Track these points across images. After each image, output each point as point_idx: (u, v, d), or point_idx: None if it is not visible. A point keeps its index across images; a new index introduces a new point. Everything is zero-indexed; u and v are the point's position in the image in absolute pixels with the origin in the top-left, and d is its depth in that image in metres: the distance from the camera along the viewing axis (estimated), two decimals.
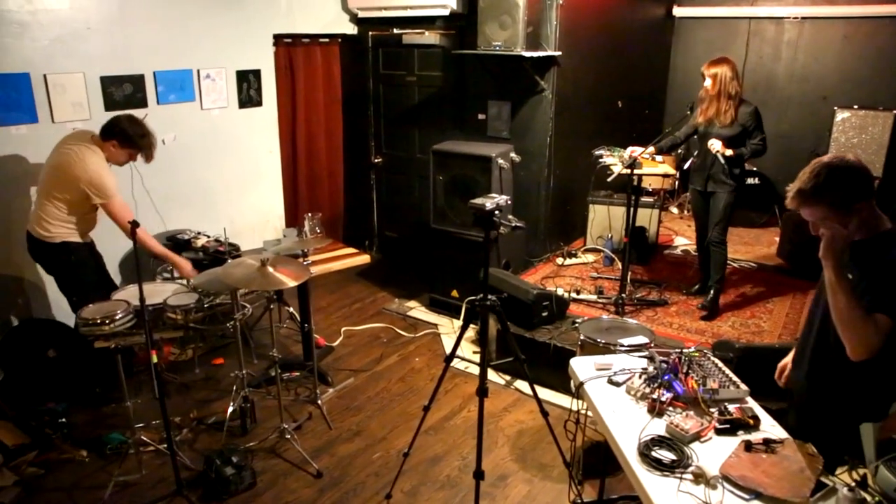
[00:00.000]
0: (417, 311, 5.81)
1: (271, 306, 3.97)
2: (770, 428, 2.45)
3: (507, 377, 4.69)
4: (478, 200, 2.82)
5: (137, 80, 5.01)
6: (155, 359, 3.13)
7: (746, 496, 2.08)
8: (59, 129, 4.59)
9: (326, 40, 6.41)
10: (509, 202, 3.24)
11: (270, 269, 3.47)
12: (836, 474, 2.24)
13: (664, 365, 2.70)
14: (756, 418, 2.46)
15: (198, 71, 5.40)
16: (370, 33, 6.55)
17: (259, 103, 5.97)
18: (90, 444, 3.84)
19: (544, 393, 4.30)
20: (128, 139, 4.06)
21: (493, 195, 2.91)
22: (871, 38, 6.53)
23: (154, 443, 3.75)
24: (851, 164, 2.20)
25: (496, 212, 2.80)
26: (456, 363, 4.81)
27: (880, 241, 2.23)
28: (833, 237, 2.16)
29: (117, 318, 3.33)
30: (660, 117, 7.69)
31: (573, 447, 3.28)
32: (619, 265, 5.55)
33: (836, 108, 6.32)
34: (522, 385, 4.55)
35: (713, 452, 2.29)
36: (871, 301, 2.15)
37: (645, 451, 2.28)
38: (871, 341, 2.14)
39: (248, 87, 5.84)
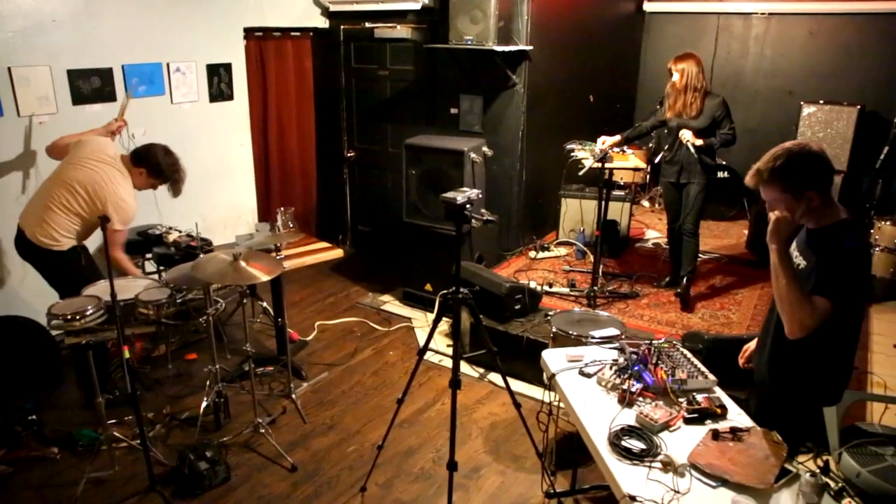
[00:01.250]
0: (391, 304, 5.82)
1: (244, 301, 3.95)
2: (737, 417, 2.50)
3: (481, 370, 4.72)
4: (449, 194, 2.84)
5: (106, 74, 4.95)
6: (127, 354, 3.11)
7: (713, 483, 2.13)
8: (24, 122, 4.53)
9: (298, 34, 6.38)
10: (481, 196, 3.27)
11: (243, 264, 3.45)
12: (801, 461, 2.30)
13: (634, 356, 2.75)
14: (723, 407, 2.52)
15: (167, 64, 5.35)
16: (342, 27, 6.52)
17: (230, 97, 5.93)
18: (61, 441, 3.79)
19: (518, 385, 4.34)
20: (159, 172, 4.03)
21: (465, 189, 2.93)
22: (836, 34, 6.66)
23: (127, 439, 3.71)
24: (811, 153, 2.29)
25: (467, 205, 2.82)
26: (430, 356, 4.83)
27: (835, 230, 2.33)
28: (778, 221, 2.29)
29: (88, 313, 3.29)
30: (631, 111, 7.77)
31: (546, 438, 3.32)
32: (591, 258, 5.61)
33: (802, 102, 6.43)
34: (496, 378, 4.59)
35: (682, 441, 2.34)
36: (816, 284, 2.28)
37: (615, 441, 2.32)
38: (807, 321, 2.26)
39: (218, 81, 5.79)
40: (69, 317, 3.25)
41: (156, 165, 4.00)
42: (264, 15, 6.02)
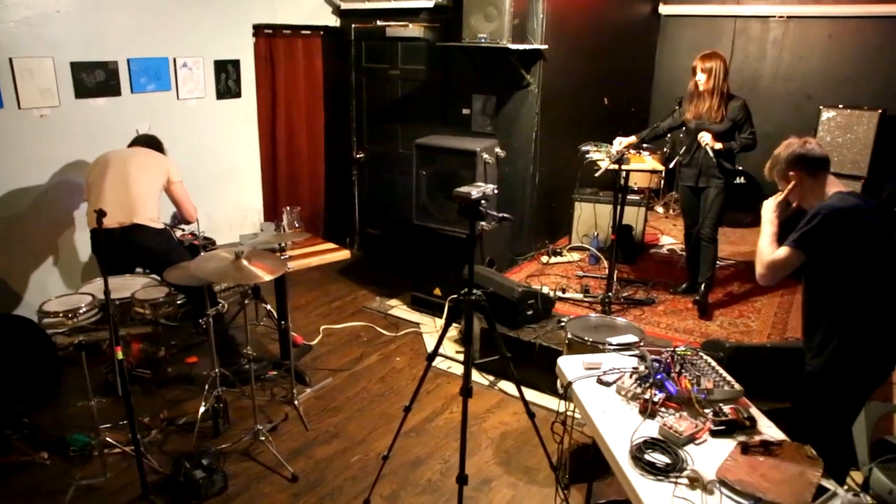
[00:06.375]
0: (399, 309, 5.67)
1: (247, 302, 3.81)
2: (766, 429, 2.35)
3: (491, 377, 4.57)
4: (463, 189, 2.69)
5: (111, 67, 4.84)
6: (120, 355, 2.97)
7: (745, 502, 1.98)
8: (25, 115, 4.42)
9: (308, 32, 6.28)
10: (496, 192, 3.12)
11: (245, 263, 3.31)
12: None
13: (656, 364, 2.59)
14: (752, 419, 2.36)
15: (174, 59, 5.24)
16: (353, 25, 6.42)
17: (238, 94, 5.81)
18: (52, 445, 3.65)
19: (528, 393, 4.16)
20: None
21: (479, 184, 2.78)
22: (855, 37, 6.51)
23: (120, 444, 3.56)
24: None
25: (482, 201, 2.66)
26: (438, 363, 4.68)
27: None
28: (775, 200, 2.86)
29: (81, 311, 3.16)
30: (645, 114, 7.62)
31: (560, 450, 3.17)
32: (605, 264, 5.46)
33: (821, 107, 6.28)
34: (506, 385, 4.44)
35: (708, 455, 2.19)
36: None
37: (637, 455, 2.17)
38: (767, 263, 2.67)
39: (226, 78, 5.68)
40: (61, 315, 3.13)
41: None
42: (275, 12, 5.92)
